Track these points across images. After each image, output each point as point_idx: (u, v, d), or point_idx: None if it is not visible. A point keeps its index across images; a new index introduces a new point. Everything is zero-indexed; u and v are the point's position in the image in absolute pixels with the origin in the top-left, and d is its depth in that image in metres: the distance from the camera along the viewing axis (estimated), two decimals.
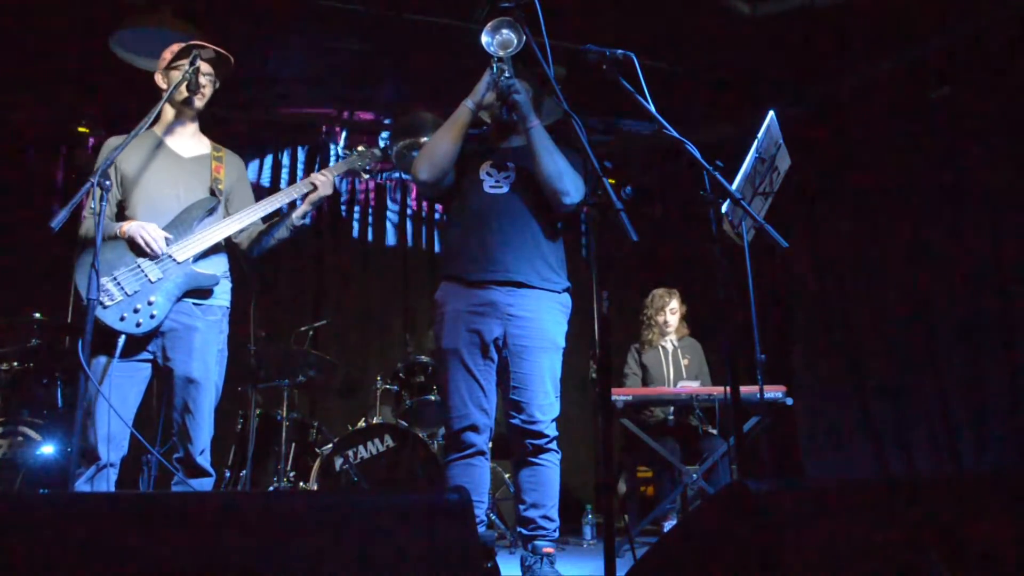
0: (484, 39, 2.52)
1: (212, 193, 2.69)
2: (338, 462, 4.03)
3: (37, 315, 4.05)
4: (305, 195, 2.80)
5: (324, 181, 2.77)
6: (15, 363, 3.96)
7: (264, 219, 2.80)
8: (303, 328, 4.71)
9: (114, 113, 5.36)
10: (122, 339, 2.44)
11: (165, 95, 2.60)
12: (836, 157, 5.25)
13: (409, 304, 5.98)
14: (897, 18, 4.38)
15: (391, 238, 6.22)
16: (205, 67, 2.68)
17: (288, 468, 4.23)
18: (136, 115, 2.50)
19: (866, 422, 4.87)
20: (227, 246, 2.77)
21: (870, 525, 1.36)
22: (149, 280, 2.49)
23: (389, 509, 1.26)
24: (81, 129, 5.38)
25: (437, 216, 6.28)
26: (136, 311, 2.45)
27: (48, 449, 3.61)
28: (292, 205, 2.85)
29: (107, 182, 2.25)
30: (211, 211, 2.67)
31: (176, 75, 2.64)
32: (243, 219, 2.68)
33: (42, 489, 3.50)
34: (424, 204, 6.33)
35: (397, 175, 6.24)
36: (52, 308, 4.65)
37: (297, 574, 1.14)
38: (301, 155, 6.01)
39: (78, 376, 2.15)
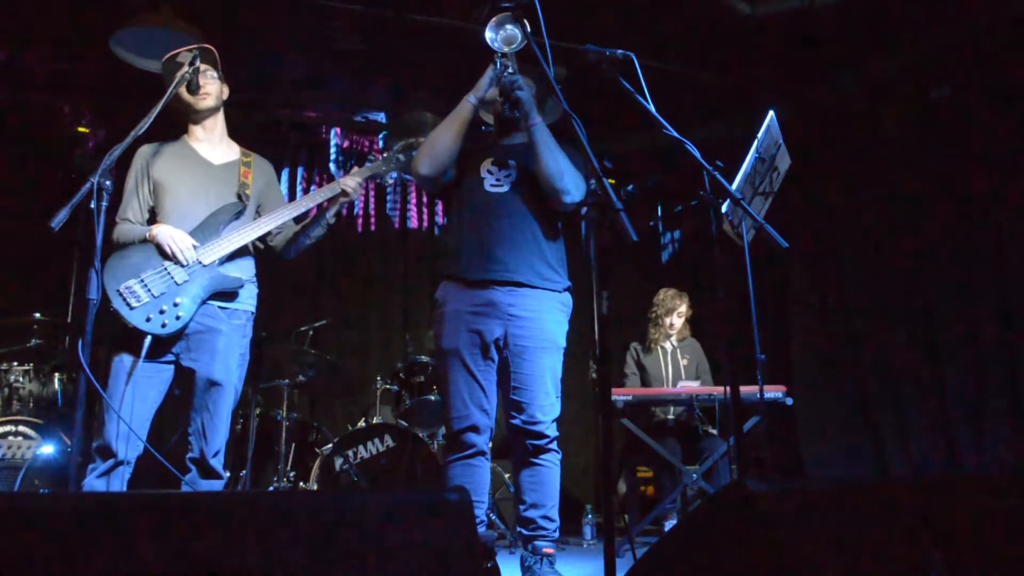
0: (488, 35, 2.51)
1: (239, 198, 2.71)
2: (338, 462, 4.03)
3: (37, 315, 4.05)
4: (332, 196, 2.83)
5: (354, 187, 2.80)
6: (15, 363, 3.96)
7: (295, 220, 2.84)
8: (303, 328, 4.71)
9: (114, 113, 5.36)
10: (148, 340, 2.47)
11: (164, 98, 2.60)
12: (836, 157, 5.26)
13: (409, 304, 5.98)
14: (897, 18, 4.38)
15: (391, 238, 6.21)
16: (200, 65, 2.69)
17: (288, 468, 4.23)
18: (136, 115, 2.50)
19: (866, 422, 4.87)
20: (255, 251, 2.79)
21: (870, 525, 1.36)
22: (175, 282, 2.52)
23: (389, 509, 1.26)
24: (81, 129, 5.38)
25: (438, 216, 6.28)
26: (162, 312, 2.48)
27: (48, 449, 3.61)
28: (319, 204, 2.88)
29: (107, 182, 2.26)
30: (237, 215, 2.70)
31: (182, 89, 2.66)
32: (268, 223, 2.71)
33: (42, 489, 3.51)
34: (424, 203, 6.32)
35: (397, 175, 6.24)
36: (52, 308, 4.65)
37: (297, 574, 1.14)
38: (301, 156, 6.01)
39: (88, 376, 2.16)
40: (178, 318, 2.50)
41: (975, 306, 4.42)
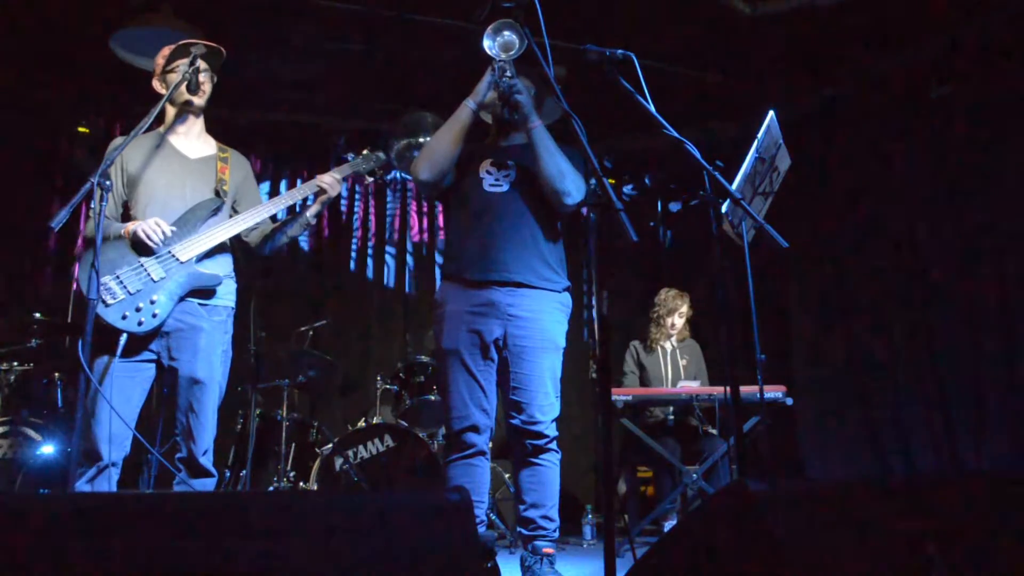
0: (486, 43, 2.51)
1: (217, 194, 2.69)
2: (338, 462, 4.03)
3: (37, 315, 4.05)
4: (313, 195, 2.81)
5: (331, 182, 2.78)
6: (15, 363, 3.96)
7: (272, 217, 2.82)
8: (303, 328, 4.71)
9: (114, 113, 5.36)
10: (123, 338, 2.44)
11: (166, 95, 2.61)
12: (836, 157, 5.26)
13: (409, 304, 5.98)
14: (897, 18, 4.38)
15: (391, 238, 6.21)
16: (202, 64, 2.68)
17: (288, 468, 4.23)
18: (136, 115, 2.50)
19: (866, 422, 4.87)
20: (232, 246, 2.77)
21: (870, 525, 1.36)
22: (152, 279, 2.49)
23: (389, 509, 1.26)
24: (81, 129, 5.38)
25: (438, 215, 6.28)
26: (138, 310, 2.45)
27: (48, 449, 3.61)
28: (302, 203, 2.86)
29: (107, 182, 2.25)
30: (215, 211, 2.67)
31: (173, 77, 2.64)
32: (247, 219, 2.69)
33: (42, 489, 3.50)
34: (424, 203, 6.33)
35: (397, 175, 6.24)
36: (52, 308, 4.65)
37: (297, 574, 1.14)
38: (300, 156, 6.00)
39: (78, 376, 2.15)
40: (154, 316, 2.47)
41: (976, 305, 4.42)
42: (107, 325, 2.42)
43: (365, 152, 3.02)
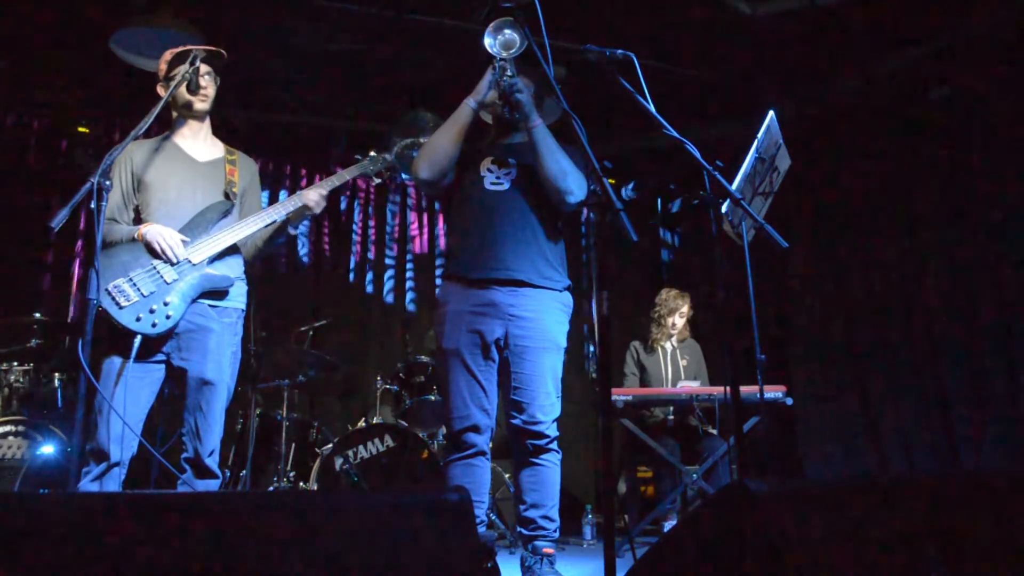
0: (487, 40, 2.52)
1: (227, 196, 2.70)
2: (338, 462, 4.03)
3: (37, 315, 4.05)
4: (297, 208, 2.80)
5: (316, 200, 2.75)
6: (15, 363, 3.96)
7: None
8: (303, 328, 4.71)
9: (114, 113, 5.36)
10: (138, 340, 2.45)
11: (165, 96, 2.61)
12: (836, 157, 5.26)
13: (409, 304, 5.98)
14: (897, 18, 4.38)
15: (390, 237, 6.21)
16: (203, 67, 2.69)
17: (288, 468, 4.23)
18: (137, 115, 2.50)
19: (866, 422, 4.88)
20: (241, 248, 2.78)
21: (870, 525, 1.36)
22: (165, 281, 2.51)
23: (389, 509, 1.26)
24: (81, 129, 5.38)
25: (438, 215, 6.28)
26: (152, 311, 2.46)
27: (48, 449, 3.61)
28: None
29: (107, 182, 2.26)
30: (226, 214, 2.68)
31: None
32: (255, 224, 2.69)
33: (42, 489, 3.51)
34: (424, 202, 6.33)
35: (402, 176, 6.23)
36: (52, 308, 4.65)
37: (297, 574, 1.14)
38: (300, 156, 6.01)
39: (88, 376, 2.15)
40: (168, 317, 2.47)
41: (975, 306, 4.42)
42: (121, 327, 2.42)
43: (372, 154, 3.02)
